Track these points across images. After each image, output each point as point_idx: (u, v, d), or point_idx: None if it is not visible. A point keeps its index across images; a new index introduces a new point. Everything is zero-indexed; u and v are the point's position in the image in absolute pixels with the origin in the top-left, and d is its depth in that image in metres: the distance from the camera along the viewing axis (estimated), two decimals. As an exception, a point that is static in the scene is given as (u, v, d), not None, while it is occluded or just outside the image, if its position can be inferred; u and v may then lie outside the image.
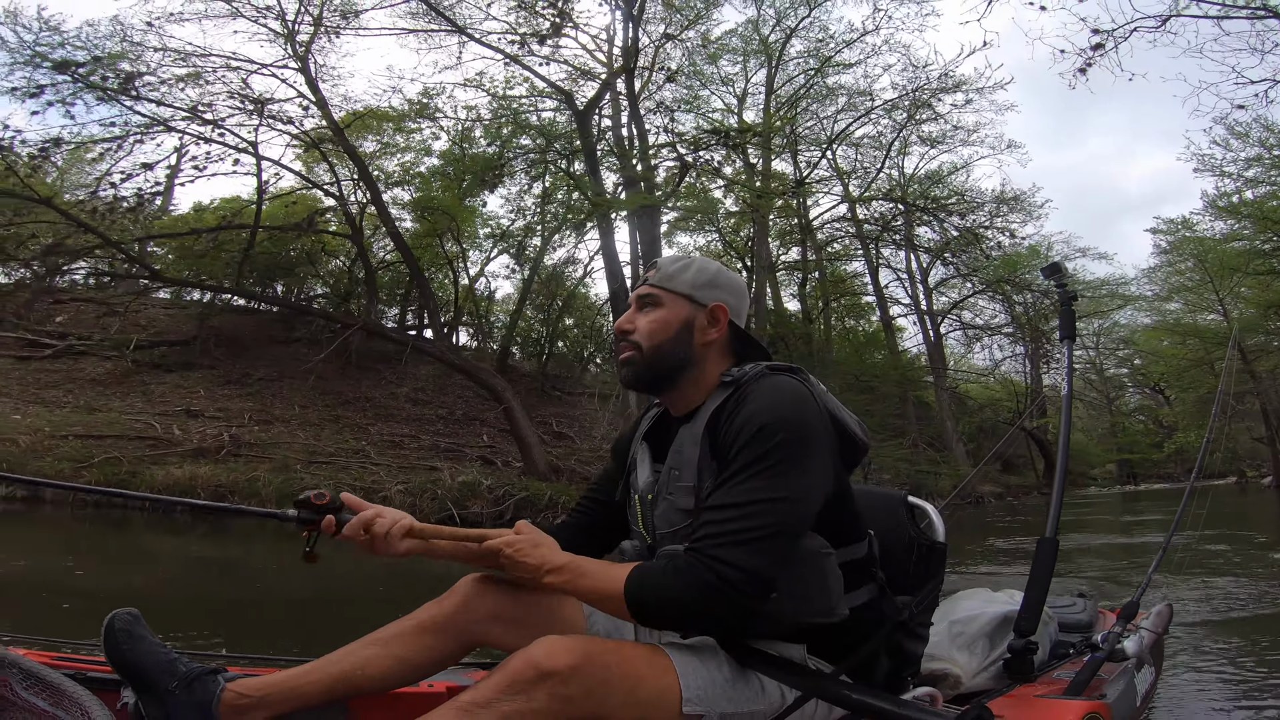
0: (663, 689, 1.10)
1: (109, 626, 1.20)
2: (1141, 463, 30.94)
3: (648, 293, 1.35)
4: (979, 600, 1.84)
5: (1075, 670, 1.73)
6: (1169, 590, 4.84)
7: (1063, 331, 1.96)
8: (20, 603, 4.09)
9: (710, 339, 1.32)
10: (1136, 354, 31.14)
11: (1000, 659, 1.62)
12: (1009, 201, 20.40)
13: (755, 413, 1.16)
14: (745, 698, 1.15)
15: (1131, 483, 30.40)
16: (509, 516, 9.89)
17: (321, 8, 13.47)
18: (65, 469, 8.43)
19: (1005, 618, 1.69)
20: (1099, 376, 32.64)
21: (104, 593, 4.60)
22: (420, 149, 18.00)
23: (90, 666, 1.34)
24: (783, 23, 18.42)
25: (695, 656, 1.17)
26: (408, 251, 14.15)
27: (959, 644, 1.68)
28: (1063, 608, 2.22)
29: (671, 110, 13.52)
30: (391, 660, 1.26)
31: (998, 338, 26.34)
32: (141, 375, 14.44)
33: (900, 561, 1.39)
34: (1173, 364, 25.49)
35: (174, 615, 3.88)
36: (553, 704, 1.01)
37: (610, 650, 1.10)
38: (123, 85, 11.13)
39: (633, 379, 1.33)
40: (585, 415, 19.45)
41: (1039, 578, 1.50)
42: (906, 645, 1.32)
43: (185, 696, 1.16)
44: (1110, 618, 2.22)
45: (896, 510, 1.45)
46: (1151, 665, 2.05)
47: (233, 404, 13.46)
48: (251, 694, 1.19)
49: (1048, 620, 1.93)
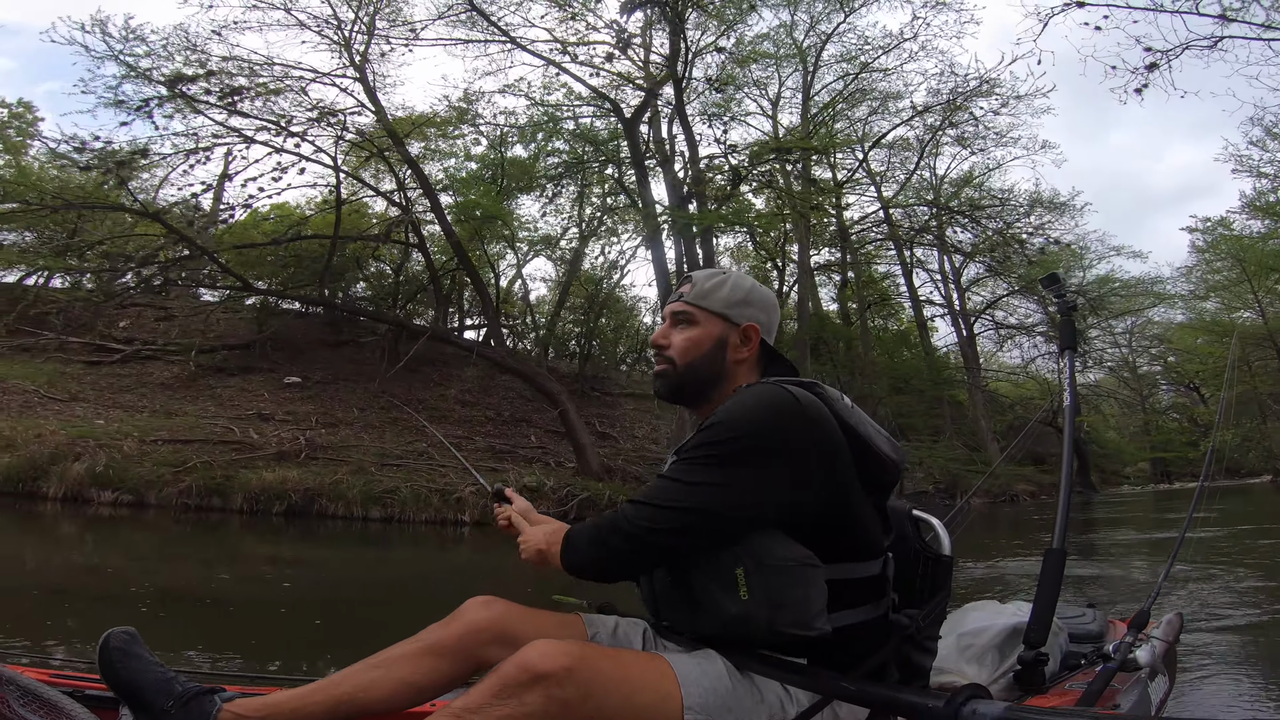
0: (663, 695, 1.10)
1: (104, 645, 1.21)
2: (1175, 461, 30.71)
3: (683, 310, 1.38)
4: (987, 612, 1.83)
5: (1088, 681, 1.71)
6: (1181, 597, 4.82)
7: (1062, 342, 1.91)
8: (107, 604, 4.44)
9: (742, 357, 1.37)
10: (1170, 351, 30.97)
11: (1010, 670, 1.60)
12: (1047, 205, 20.44)
13: (721, 410, 1.21)
14: (745, 707, 1.15)
15: (1166, 481, 30.17)
16: (573, 516, 10.27)
17: (373, 17, 13.92)
18: (165, 474, 8.91)
19: (1014, 629, 1.69)
20: (1132, 374, 32.44)
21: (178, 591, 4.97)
22: (464, 155, 18.48)
23: (88, 685, 1.35)
24: (817, 27, 18.56)
25: (696, 664, 1.17)
26: (466, 259, 14.56)
27: (968, 656, 1.68)
28: (1072, 618, 2.21)
29: (725, 121, 13.75)
30: (395, 683, 1.27)
31: (1031, 336, 26.35)
32: (207, 379, 14.97)
33: (906, 575, 1.39)
34: (1208, 363, 25.39)
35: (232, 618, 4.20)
36: (547, 707, 1.00)
37: (606, 655, 1.11)
38: (228, 100, 11.63)
39: (666, 392, 1.39)
40: (624, 416, 19.84)
41: (1047, 589, 1.47)
42: (914, 658, 1.30)
43: (181, 716, 1.17)
44: (1120, 628, 2.21)
45: (902, 523, 1.43)
46: (1165, 675, 2.03)
47: (298, 407, 13.96)
48: (250, 715, 1.19)
49: (1057, 631, 1.92)
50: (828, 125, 17.80)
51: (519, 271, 23.21)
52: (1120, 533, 11.00)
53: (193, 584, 5.40)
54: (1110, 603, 4.71)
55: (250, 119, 12.26)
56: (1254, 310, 24.49)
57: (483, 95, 15.89)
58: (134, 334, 17.42)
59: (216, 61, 11.97)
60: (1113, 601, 4.85)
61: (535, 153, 17.83)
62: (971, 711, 1.01)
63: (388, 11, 14.27)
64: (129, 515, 8.42)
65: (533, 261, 23.47)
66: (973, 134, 19.46)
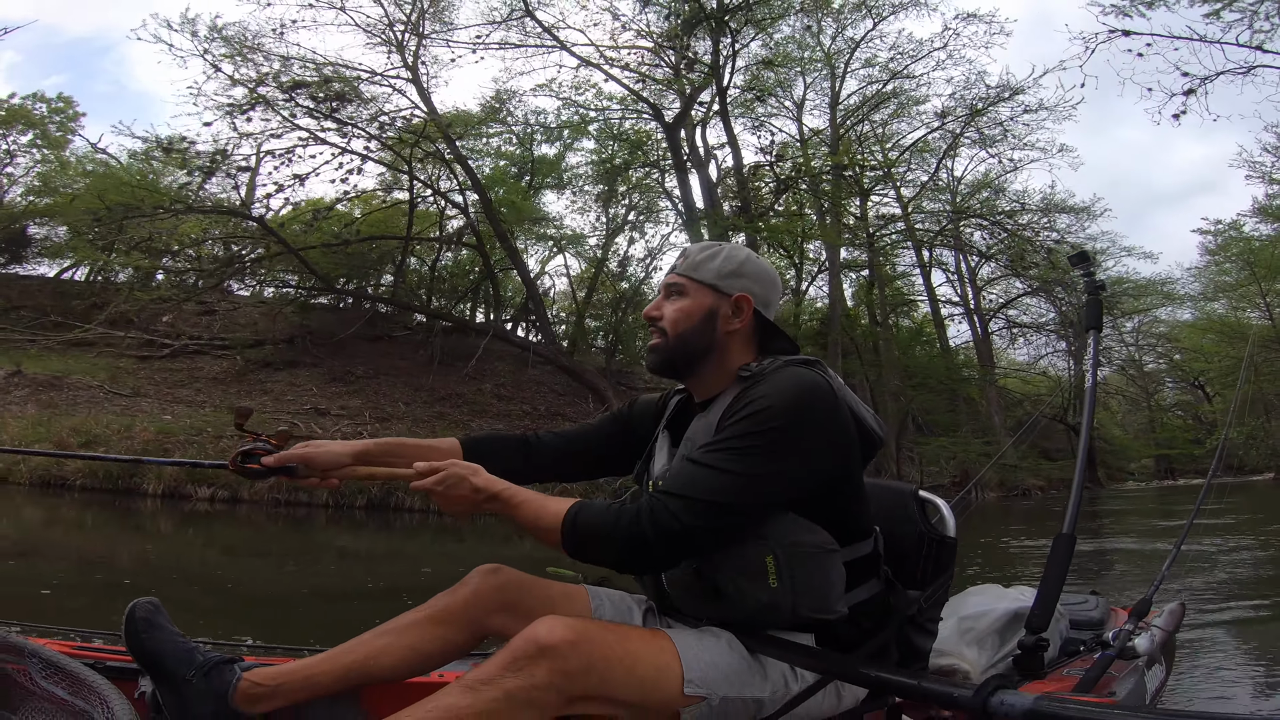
0: (663, 667, 1.13)
1: (130, 615, 1.24)
2: (1179, 458, 31.36)
3: (674, 281, 1.38)
4: (989, 596, 1.84)
5: (1085, 667, 1.74)
6: (1185, 586, 4.85)
7: (1088, 322, 1.88)
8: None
9: (733, 329, 1.34)
10: (1176, 349, 31.55)
11: (1010, 655, 1.61)
12: (1065, 209, 20.93)
13: (760, 395, 1.20)
14: (748, 683, 1.18)
15: (1170, 478, 30.84)
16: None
17: (421, 17, 14.37)
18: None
19: (1016, 614, 1.70)
20: (1139, 372, 33.04)
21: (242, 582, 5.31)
22: (494, 153, 18.91)
23: (109, 656, 1.40)
24: (845, 32, 18.87)
25: (698, 640, 1.19)
26: (518, 258, 15.00)
27: (968, 639, 1.68)
28: (1074, 605, 2.23)
29: (773, 133, 14.18)
30: (404, 650, 1.30)
31: (1041, 333, 26.93)
32: (255, 374, 15.42)
33: (910, 556, 1.39)
34: (1214, 362, 25.97)
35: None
36: (553, 679, 1.04)
37: (610, 630, 1.15)
38: (331, 105, 12.13)
39: (658, 364, 1.37)
40: (650, 409, 20.35)
41: (1054, 574, 1.45)
42: (915, 640, 1.32)
43: (202, 685, 1.21)
44: (1121, 615, 2.23)
45: (907, 505, 1.44)
46: (1162, 664, 2.04)
47: (348, 401, 14.43)
48: (267, 683, 1.24)
49: (1059, 617, 1.94)
50: (858, 133, 18.19)
51: (543, 268, 23.73)
52: (1125, 524, 11.30)
53: (295, 579, 5.70)
54: (1117, 590, 4.81)
55: (339, 123, 12.75)
56: (1260, 310, 25.08)
57: (514, 95, 16.36)
58: (177, 328, 17.86)
59: (287, 62, 12.44)
60: (1120, 589, 4.95)
61: (560, 151, 18.26)
62: (1000, 702, 1.00)
63: (431, 12, 14.74)
64: (224, 511, 8.91)
65: (554, 258, 24.03)
66: (994, 136, 19.88)
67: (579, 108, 16.42)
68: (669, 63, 13.25)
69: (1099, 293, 1.86)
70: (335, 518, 9.13)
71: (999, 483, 19.39)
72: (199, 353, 16.12)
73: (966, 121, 19.62)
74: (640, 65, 13.54)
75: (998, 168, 21.36)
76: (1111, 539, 9.01)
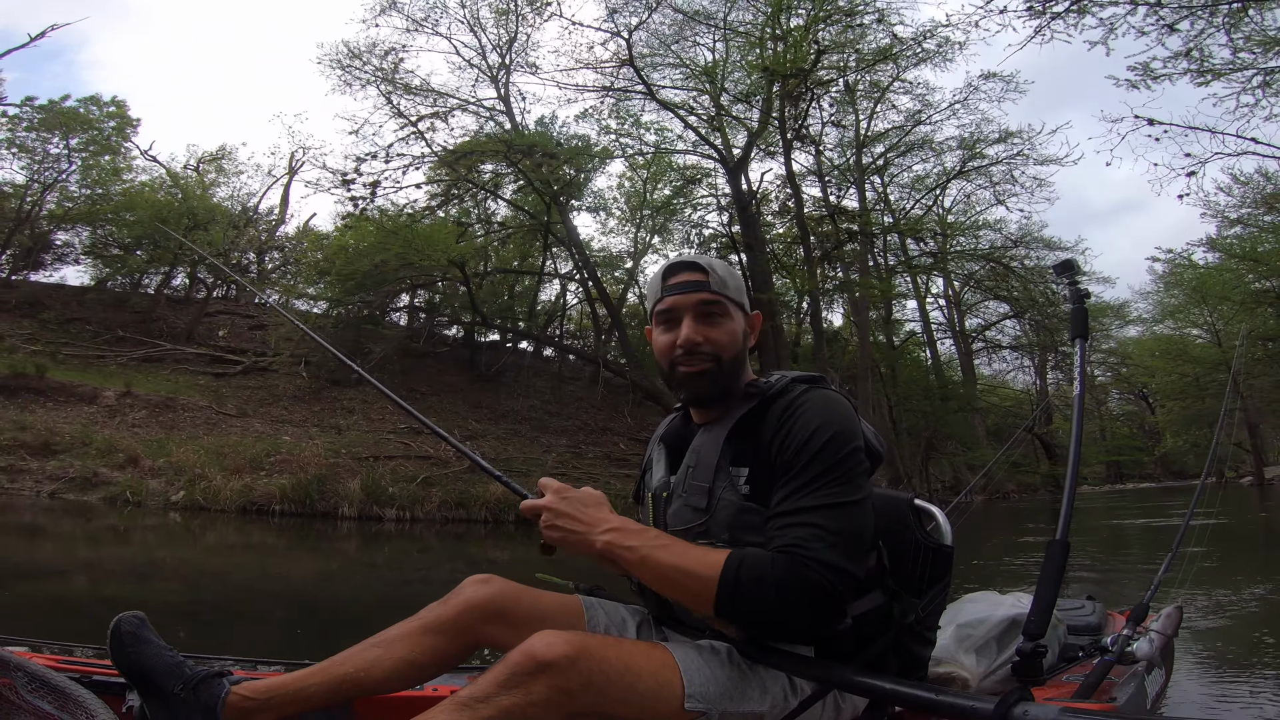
0: (664, 683, 1.11)
1: (115, 630, 1.23)
2: (1127, 463, 34.56)
3: (714, 299, 1.32)
4: (987, 603, 1.82)
5: (1085, 673, 1.73)
6: (1181, 589, 5.08)
7: (1074, 330, 1.87)
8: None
9: (750, 346, 1.37)
10: (1123, 362, 34.82)
11: (1008, 662, 1.59)
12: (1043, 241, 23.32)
13: (823, 424, 1.19)
14: (748, 697, 1.16)
15: (1120, 482, 34.03)
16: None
17: (510, 46, 15.72)
18: (413, 490, 10.33)
19: (1013, 620, 1.69)
20: (1090, 384, 36.22)
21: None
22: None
23: (95, 670, 1.36)
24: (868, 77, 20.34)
25: (698, 654, 1.18)
26: (603, 290, 16.24)
27: (966, 647, 1.67)
28: (1071, 610, 2.24)
29: (846, 184, 15.68)
30: (395, 662, 1.28)
31: (1014, 351, 29.56)
32: (328, 391, 15.91)
33: (906, 564, 1.36)
34: (1164, 381, 29.01)
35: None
36: (551, 695, 1.00)
37: (609, 644, 1.11)
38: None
39: (711, 393, 1.32)
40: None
41: (1049, 580, 1.39)
42: (913, 648, 1.31)
43: (191, 699, 1.19)
44: (1119, 620, 2.23)
45: (903, 513, 1.41)
46: (1162, 668, 2.03)
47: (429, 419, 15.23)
48: (256, 696, 1.22)
49: (1056, 623, 1.95)
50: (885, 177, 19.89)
51: (563, 287, 24.77)
52: (1105, 534, 12.06)
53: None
54: (1108, 596, 4.81)
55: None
56: (1204, 329, 28.22)
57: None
58: (232, 343, 18.19)
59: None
60: (1110, 595, 5.05)
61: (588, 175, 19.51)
62: (1023, 713, 0.97)
63: (517, 46, 16.07)
64: (403, 529, 9.75)
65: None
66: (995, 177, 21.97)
67: (646, 146, 17.68)
68: (745, 124, 14.65)
69: (1084, 301, 1.86)
70: (492, 532, 10.11)
71: (983, 486, 21.66)
72: (266, 369, 16.45)
73: (965, 162, 21.60)
74: (713, 119, 14.88)
75: (982, 198, 23.59)
76: (1094, 543, 9.55)
